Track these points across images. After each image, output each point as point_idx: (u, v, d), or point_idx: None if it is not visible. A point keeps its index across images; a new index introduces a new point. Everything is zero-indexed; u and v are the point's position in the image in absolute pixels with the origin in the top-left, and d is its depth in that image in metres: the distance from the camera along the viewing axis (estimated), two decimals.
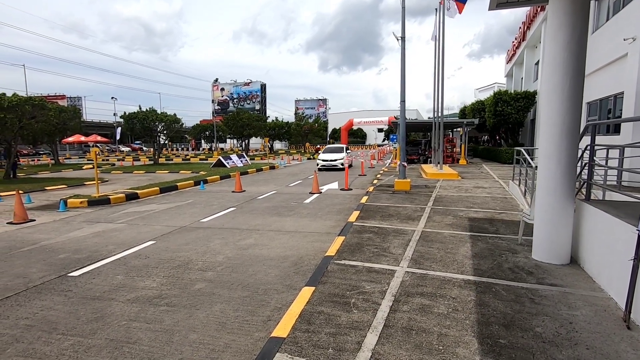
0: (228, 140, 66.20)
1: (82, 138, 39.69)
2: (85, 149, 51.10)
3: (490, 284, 4.04)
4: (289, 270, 4.71)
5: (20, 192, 8.45)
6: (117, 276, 4.57)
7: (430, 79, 21.59)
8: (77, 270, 4.79)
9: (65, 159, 35.53)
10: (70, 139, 36.46)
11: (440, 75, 16.59)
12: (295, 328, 3.16)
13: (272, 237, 6.30)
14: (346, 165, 16.91)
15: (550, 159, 4.50)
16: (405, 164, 11.99)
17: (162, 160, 28.52)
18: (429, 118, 27.90)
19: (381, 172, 18.25)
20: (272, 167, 22.01)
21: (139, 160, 32.10)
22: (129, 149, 56.01)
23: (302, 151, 50.66)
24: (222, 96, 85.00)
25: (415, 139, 33.30)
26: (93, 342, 3.08)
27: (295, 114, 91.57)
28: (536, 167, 5.60)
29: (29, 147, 23.88)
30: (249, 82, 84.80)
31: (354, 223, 7.02)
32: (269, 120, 50.37)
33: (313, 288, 3.98)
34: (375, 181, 14.08)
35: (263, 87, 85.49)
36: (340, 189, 12.23)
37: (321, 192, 11.53)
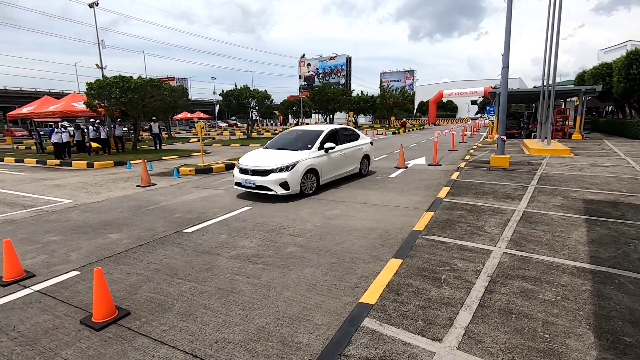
0: (313, 115, 67.70)
1: (188, 115, 44.89)
2: (191, 125, 57.53)
3: (613, 274, 3.47)
4: (375, 241, 4.72)
5: (145, 160, 9.97)
6: (222, 235, 5.14)
7: (540, 41, 18.39)
8: (190, 227, 5.53)
9: (175, 133, 40.61)
10: (179, 116, 41.51)
11: (554, 34, 14.19)
12: (383, 297, 3.18)
13: (358, 209, 6.35)
14: (296, 186, 7.17)
15: None
16: (504, 138, 10.80)
17: (254, 134, 30.65)
18: (534, 87, 24.41)
19: (474, 147, 16.80)
20: None
21: (235, 134, 35.00)
22: (226, 124, 61.33)
23: (387, 125, 49.32)
24: (308, 71, 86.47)
25: (516, 111, 29.60)
26: (205, 288, 3.55)
27: (380, 86, 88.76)
28: None
29: (147, 123, 27.86)
30: (334, 56, 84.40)
31: (444, 199, 6.65)
32: (354, 94, 49.86)
33: (400, 261, 3.94)
34: (467, 157, 13.04)
35: (348, 60, 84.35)
36: (428, 164, 11.64)
37: (407, 167, 11.15)
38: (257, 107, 26.33)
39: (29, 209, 7.05)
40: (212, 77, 69.77)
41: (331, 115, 44.33)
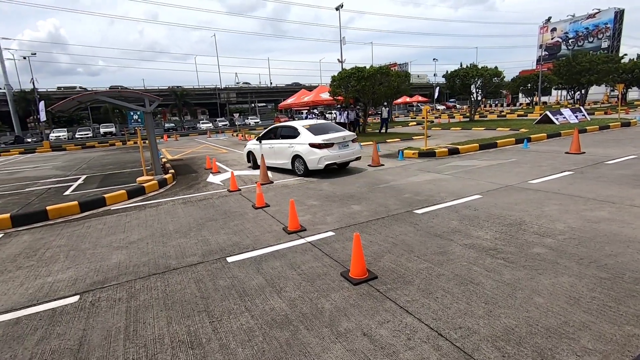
0: (554, 92, 55.47)
1: (407, 99, 46.16)
2: (409, 108, 59.05)
3: None
4: None
5: (376, 143, 11.00)
6: (452, 221, 5.05)
7: None
8: (420, 209, 5.72)
9: (395, 117, 42.80)
10: (399, 100, 43.28)
11: None
12: None
13: (639, 215, 4.77)
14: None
15: None
16: None
17: (476, 117, 28.22)
18: None
19: None
20: (626, 124, 16.42)
21: (454, 117, 33.42)
22: (444, 107, 59.43)
23: None
24: (552, 38, 70.29)
25: None
26: (442, 271, 3.59)
27: None
28: None
29: (372, 108, 30.49)
30: (595, 13, 64.74)
31: None
32: (624, 60, 37.09)
33: None
34: None
35: (618, 15, 62.91)
36: None
37: None
38: (482, 87, 23.93)
39: (295, 177, 9.20)
40: (434, 59, 68.31)
41: (582, 91, 34.80)
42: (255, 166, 10.81)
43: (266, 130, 10.54)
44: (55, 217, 6.72)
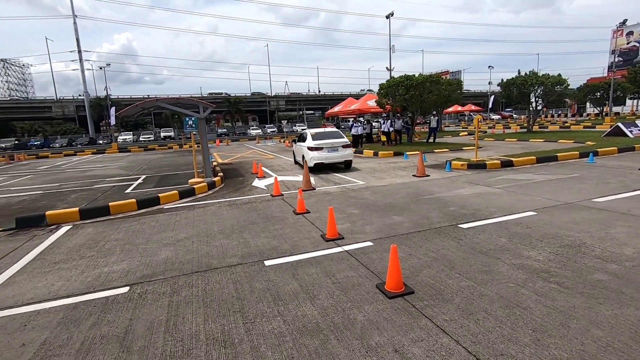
0: (628, 102, 50.21)
1: (459, 108, 44.36)
2: (460, 118, 56.69)
3: None
4: None
5: (422, 153, 10.67)
6: (501, 238, 4.72)
7: None
8: (465, 223, 5.43)
9: (444, 126, 41.25)
10: (450, 109, 41.71)
11: None
12: None
13: None
14: None
15: None
16: None
17: (535, 128, 26.29)
18: None
19: None
20: None
21: (509, 127, 31.43)
22: (499, 116, 56.26)
23: None
24: (628, 43, 63.69)
25: None
26: (485, 292, 3.37)
27: None
28: None
29: (420, 117, 29.60)
30: None
31: None
32: None
33: None
34: None
35: None
36: None
37: None
38: (543, 96, 22.25)
39: (338, 185, 9.22)
40: (489, 67, 65.02)
41: None
42: (295, 162, 14.02)
43: (299, 134, 13.40)
44: (115, 212, 7.34)
